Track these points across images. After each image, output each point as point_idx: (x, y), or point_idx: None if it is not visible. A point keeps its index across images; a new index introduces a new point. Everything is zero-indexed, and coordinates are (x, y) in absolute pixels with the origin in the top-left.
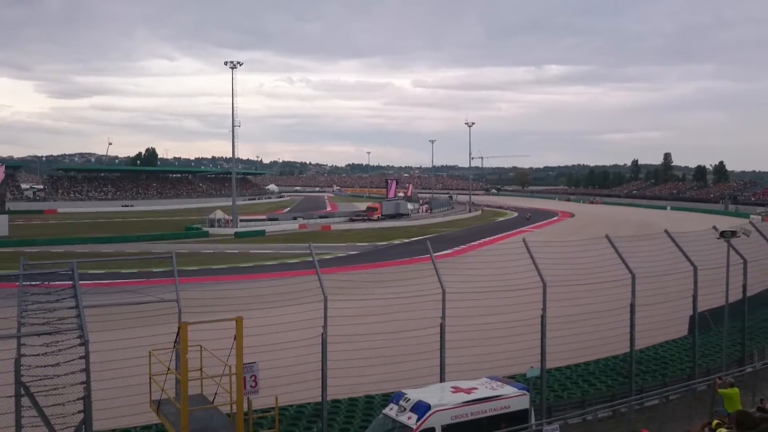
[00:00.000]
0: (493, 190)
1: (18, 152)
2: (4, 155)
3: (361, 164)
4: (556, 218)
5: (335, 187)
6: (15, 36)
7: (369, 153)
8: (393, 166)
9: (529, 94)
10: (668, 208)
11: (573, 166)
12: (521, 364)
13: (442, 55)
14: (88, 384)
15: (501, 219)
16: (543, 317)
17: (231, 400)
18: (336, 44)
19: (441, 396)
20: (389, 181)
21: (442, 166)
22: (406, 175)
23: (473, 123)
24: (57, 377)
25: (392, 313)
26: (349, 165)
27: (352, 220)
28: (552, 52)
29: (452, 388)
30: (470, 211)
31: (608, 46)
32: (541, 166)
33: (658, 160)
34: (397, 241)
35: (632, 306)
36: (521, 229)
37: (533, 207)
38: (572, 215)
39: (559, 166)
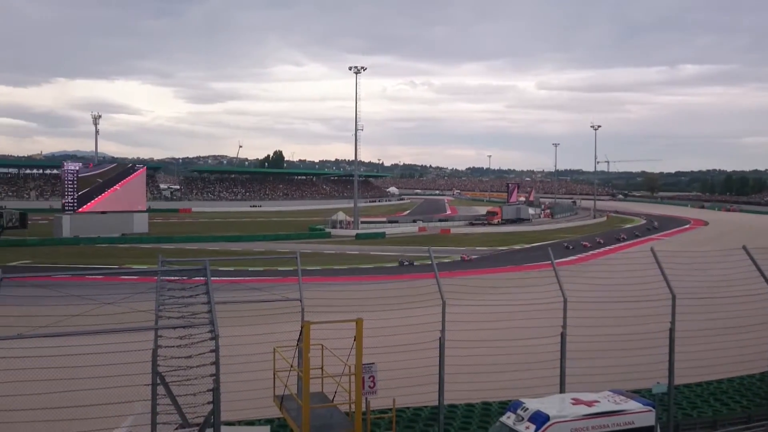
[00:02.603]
0: (620, 196)
1: (157, 154)
2: (146, 157)
3: (482, 168)
4: (687, 226)
5: (455, 191)
6: (161, 46)
7: (490, 156)
8: (514, 170)
9: (661, 95)
10: None
11: (708, 171)
12: (647, 379)
13: (568, 56)
14: (218, 376)
15: (627, 226)
16: (671, 330)
17: (350, 399)
18: (460, 47)
19: (561, 407)
20: (510, 184)
21: (566, 171)
22: (527, 179)
23: (599, 126)
24: (189, 369)
25: (511, 320)
26: (469, 168)
27: (471, 224)
28: (687, 51)
29: (572, 399)
30: (595, 217)
31: (752, 44)
32: (673, 171)
33: None
34: (517, 246)
35: None
36: (649, 237)
37: (663, 214)
38: (706, 224)
39: (692, 171)
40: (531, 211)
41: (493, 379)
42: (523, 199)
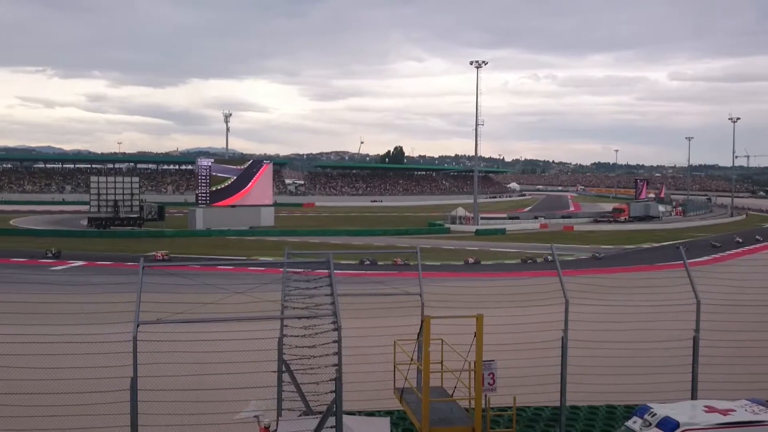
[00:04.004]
0: (761, 192)
1: (283, 150)
2: (272, 153)
3: (608, 163)
4: None
5: (579, 187)
6: (287, 45)
7: (617, 151)
8: (643, 165)
9: None
10: None
11: None
12: None
13: (704, 44)
14: (340, 367)
15: None
16: None
17: (469, 395)
18: (587, 38)
19: (692, 414)
20: (639, 180)
21: (700, 166)
22: (657, 174)
23: (738, 118)
24: (313, 358)
25: (638, 321)
26: (594, 164)
27: (596, 221)
28: None
29: (705, 407)
30: (732, 215)
31: None
32: None
33: None
34: (645, 245)
35: None
36: None
37: None
38: None
39: None
40: (661, 208)
41: (618, 381)
42: (652, 195)
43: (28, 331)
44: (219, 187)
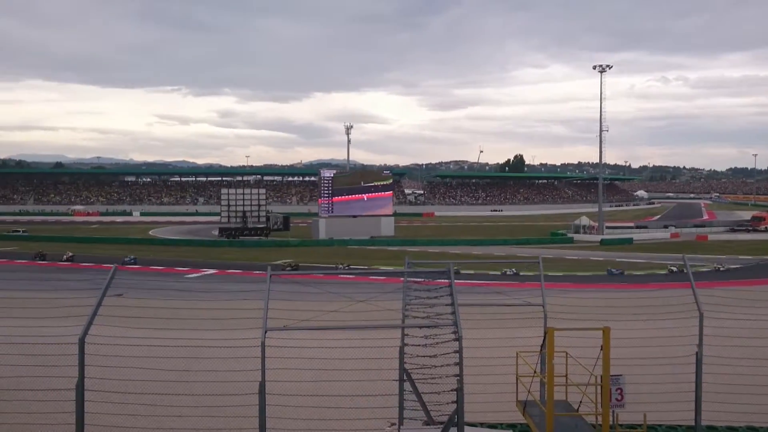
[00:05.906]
0: None
1: (402, 161)
2: (391, 164)
3: (746, 168)
4: None
5: (713, 194)
6: (405, 58)
7: (755, 155)
8: None
9: None
10: None
11: None
12: None
13: None
14: (461, 377)
15: None
16: None
17: (596, 410)
18: (720, 37)
19: None
20: None
21: None
22: None
23: None
24: (434, 368)
25: None
26: (730, 169)
27: (733, 230)
28: None
29: None
30: None
31: None
32: None
33: None
34: None
35: None
36: None
37: None
38: None
39: None
40: None
41: (761, 401)
42: None
43: (162, 335)
44: (339, 196)
